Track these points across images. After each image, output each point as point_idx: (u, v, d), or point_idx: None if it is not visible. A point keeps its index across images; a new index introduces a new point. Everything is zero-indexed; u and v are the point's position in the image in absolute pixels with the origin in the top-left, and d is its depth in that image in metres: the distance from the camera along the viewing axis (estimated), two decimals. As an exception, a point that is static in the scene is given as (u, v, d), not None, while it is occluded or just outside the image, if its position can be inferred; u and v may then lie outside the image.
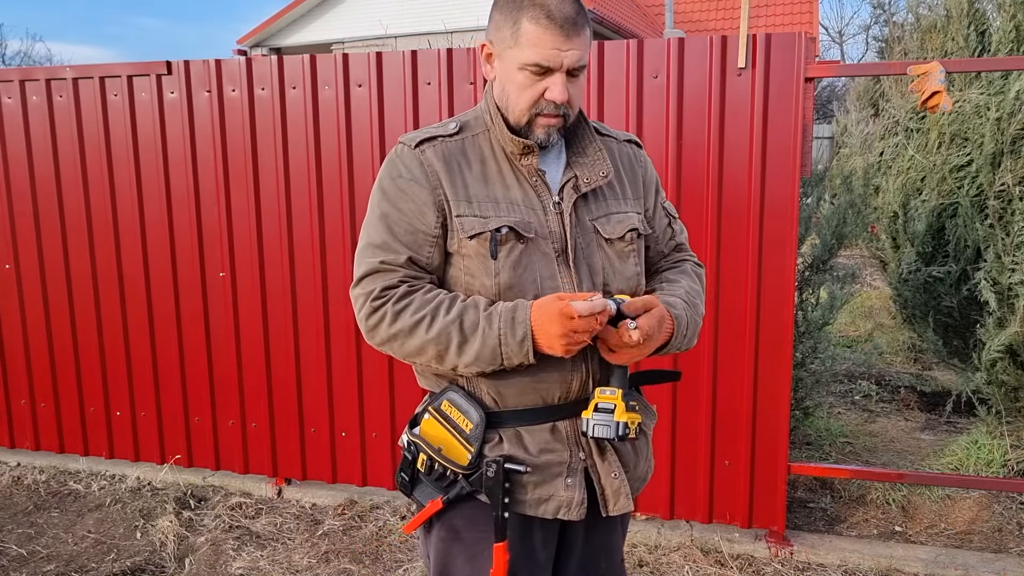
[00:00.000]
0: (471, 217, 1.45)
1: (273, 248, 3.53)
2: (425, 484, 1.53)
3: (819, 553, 3.14)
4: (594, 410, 1.45)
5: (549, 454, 1.48)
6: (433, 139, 1.51)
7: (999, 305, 3.86)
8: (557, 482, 1.48)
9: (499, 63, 1.48)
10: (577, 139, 1.56)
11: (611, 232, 1.53)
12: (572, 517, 1.48)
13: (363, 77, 3.34)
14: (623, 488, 1.52)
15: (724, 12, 17.26)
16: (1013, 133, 3.91)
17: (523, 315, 1.38)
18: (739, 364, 3.10)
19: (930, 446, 4.29)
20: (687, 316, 1.55)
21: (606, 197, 1.56)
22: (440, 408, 1.50)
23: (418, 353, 1.44)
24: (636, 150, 1.68)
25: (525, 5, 1.40)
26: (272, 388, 3.65)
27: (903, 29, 5.83)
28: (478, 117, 1.56)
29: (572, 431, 1.50)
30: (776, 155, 2.97)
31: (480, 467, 1.45)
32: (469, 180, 1.48)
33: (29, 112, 3.78)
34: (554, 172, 1.53)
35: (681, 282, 1.63)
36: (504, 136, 1.49)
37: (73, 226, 3.80)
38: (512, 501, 1.46)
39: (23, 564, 3.17)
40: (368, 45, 13.92)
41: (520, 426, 1.48)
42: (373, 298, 1.43)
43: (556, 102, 1.43)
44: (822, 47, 26.59)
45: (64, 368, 3.95)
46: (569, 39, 1.40)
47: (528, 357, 1.39)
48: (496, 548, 1.44)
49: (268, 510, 3.60)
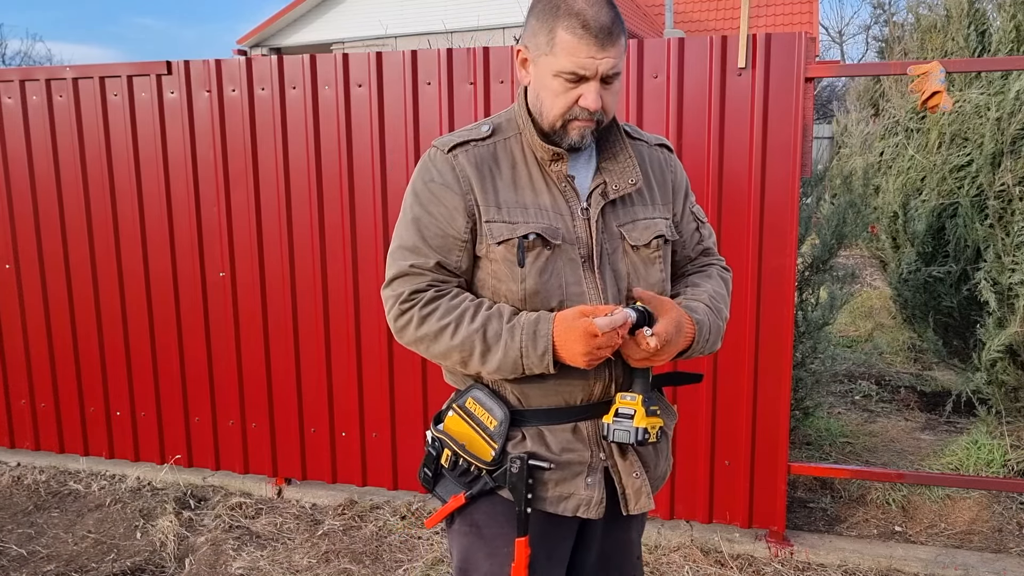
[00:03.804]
0: (500, 223, 1.47)
1: (273, 248, 3.53)
2: (448, 480, 1.55)
3: (819, 553, 3.14)
4: (615, 415, 1.48)
5: (570, 453, 1.51)
6: (466, 143, 1.52)
7: (999, 305, 3.86)
8: (577, 481, 1.51)
9: (534, 68, 1.49)
10: (608, 144, 1.57)
11: (637, 239, 1.55)
12: (591, 516, 1.51)
13: (363, 77, 3.34)
14: (644, 487, 1.55)
15: (724, 12, 17.26)
16: (1013, 133, 3.91)
17: (545, 329, 1.41)
18: (739, 364, 3.10)
19: (930, 446, 4.29)
20: (709, 321, 1.56)
21: (634, 203, 1.57)
22: (464, 405, 1.52)
23: (443, 357, 1.48)
24: (667, 154, 1.69)
25: (561, 14, 1.41)
26: (272, 388, 3.65)
27: (903, 29, 5.83)
28: (511, 119, 1.57)
29: (593, 431, 1.53)
30: (776, 155, 2.97)
31: (503, 464, 1.48)
32: (500, 186, 1.50)
33: (29, 112, 3.78)
34: (583, 177, 1.55)
35: (705, 286, 1.64)
36: (535, 142, 1.51)
37: (73, 226, 3.80)
38: (533, 498, 1.49)
39: (23, 564, 3.17)
40: (368, 45, 13.92)
41: (543, 425, 1.51)
42: (402, 301, 1.47)
43: (590, 109, 1.44)
44: (822, 47, 26.58)
45: (64, 368, 3.95)
46: (604, 48, 1.40)
47: (549, 368, 1.43)
48: (518, 543, 1.47)
49: (268, 510, 3.60)
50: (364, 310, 3.46)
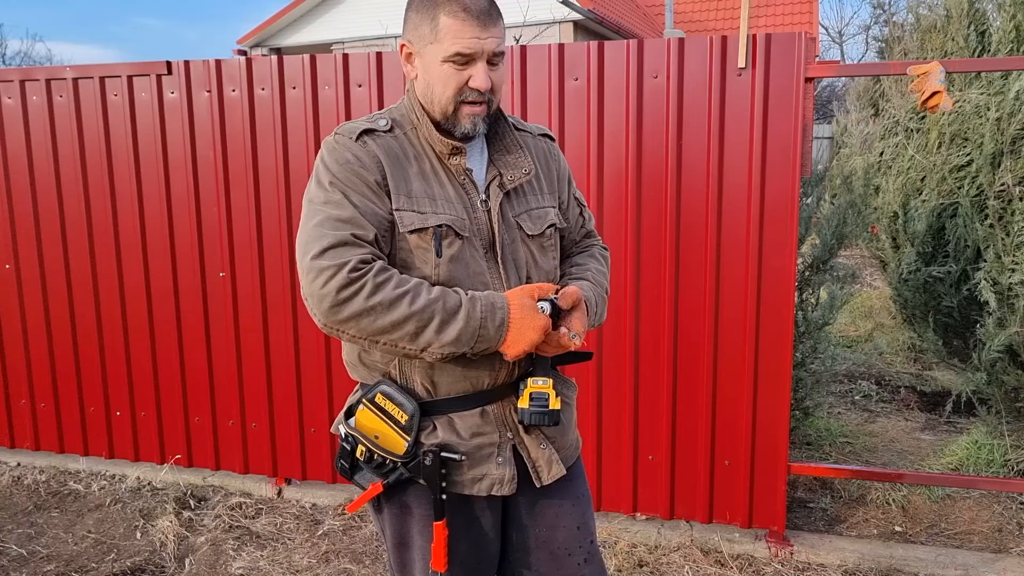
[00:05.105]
0: (410, 212, 1.50)
1: (273, 248, 3.53)
2: (366, 470, 1.59)
3: (819, 553, 3.14)
4: (529, 399, 1.54)
5: (480, 437, 1.57)
6: (372, 132, 1.54)
7: (999, 305, 3.86)
8: (489, 462, 1.57)
9: (420, 61, 1.53)
10: (498, 136, 1.62)
11: (533, 228, 1.63)
12: (504, 492, 1.58)
13: (363, 77, 3.34)
14: (553, 456, 1.63)
15: (724, 12, 17.26)
16: (1013, 133, 3.91)
17: (501, 302, 1.47)
18: (739, 364, 3.10)
19: (930, 446, 4.29)
20: (595, 295, 1.69)
21: (526, 193, 1.65)
22: (374, 400, 1.55)
23: (391, 328, 1.40)
24: (550, 144, 1.76)
25: (440, 2, 1.47)
26: (272, 388, 3.65)
27: (903, 29, 5.83)
28: (404, 116, 1.59)
29: (499, 413, 1.60)
30: (776, 155, 2.97)
31: (417, 455, 1.52)
32: (410, 175, 1.53)
33: (29, 112, 3.78)
34: (478, 170, 1.60)
35: (588, 265, 1.76)
36: (433, 136, 1.54)
37: (73, 226, 3.80)
38: (449, 483, 1.54)
39: (23, 564, 3.17)
40: (368, 45, 13.92)
41: (452, 412, 1.56)
42: (350, 269, 1.39)
43: (480, 89, 1.49)
44: (822, 47, 26.59)
45: (64, 368, 3.95)
46: (486, 27, 1.47)
47: (498, 343, 1.47)
48: (436, 526, 1.54)
49: (268, 510, 3.60)
50: (364, 310, 3.45)
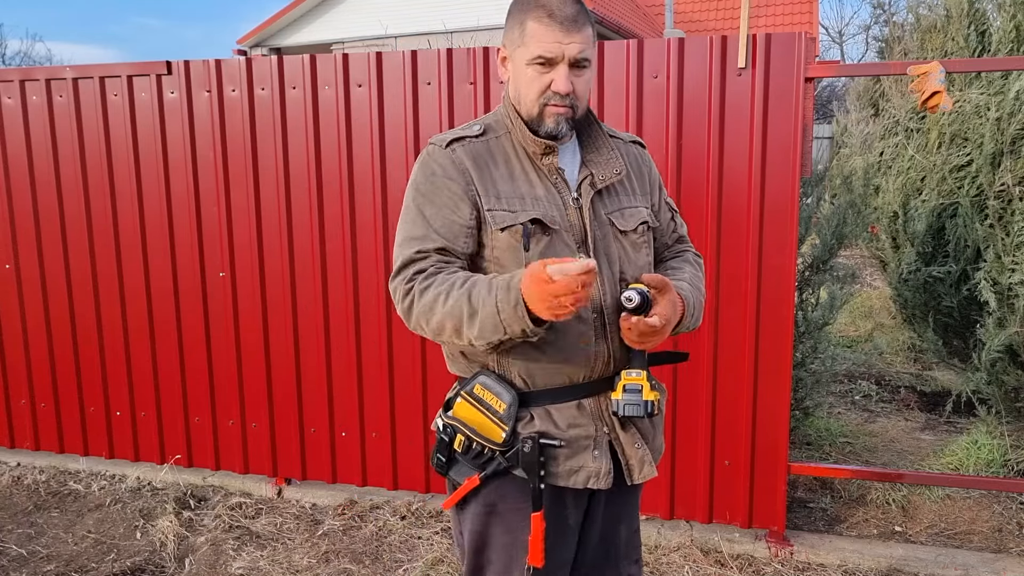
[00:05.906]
0: (501, 211, 1.55)
1: (273, 248, 3.53)
2: (462, 463, 1.61)
3: (819, 553, 3.14)
4: (623, 391, 1.57)
5: (577, 428, 1.59)
6: (462, 139, 1.62)
7: (999, 305, 3.86)
8: (585, 454, 1.59)
9: (511, 64, 1.62)
10: (591, 139, 1.68)
11: (625, 225, 1.65)
12: (600, 486, 1.59)
13: (363, 77, 3.34)
14: (646, 457, 1.65)
15: (724, 12, 17.26)
16: (1013, 133, 3.91)
17: (516, 281, 1.40)
18: (739, 364, 3.10)
19: (930, 446, 4.29)
20: (693, 297, 1.69)
21: (618, 193, 1.68)
22: (472, 391, 1.58)
23: (440, 329, 1.49)
24: (641, 150, 1.82)
25: (530, 8, 1.54)
26: (272, 388, 3.65)
27: (903, 29, 5.83)
28: (499, 120, 1.67)
29: (596, 407, 1.62)
30: (776, 155, 2.97)
31: (514, 444, 1.55)
32: (496, 177, 1.59)
33: (29, 112, 3.78)
34: (570, 170, 1.65)
35: (685, 269, 1.78)
36: (526, 136, 1.60)
37: (73, 226, 3.80)
38: (546, 474, 1.56)
39: (23, 564, 3.17)
40: (368, 45, 13.92)
41: (549, 405, 1.58)
42: (407, 281, 1.53)
43: (560, 92, 1.54)
44: (822, 47, 26.58)
45: (64, 368, 3.95)
46: (570, 33, 1.52)
47: (526, 323, 1.39)
48: (534, 517, 1.54)
49: (268, 510, 3.60)
50: (364, 310, 3.46)
